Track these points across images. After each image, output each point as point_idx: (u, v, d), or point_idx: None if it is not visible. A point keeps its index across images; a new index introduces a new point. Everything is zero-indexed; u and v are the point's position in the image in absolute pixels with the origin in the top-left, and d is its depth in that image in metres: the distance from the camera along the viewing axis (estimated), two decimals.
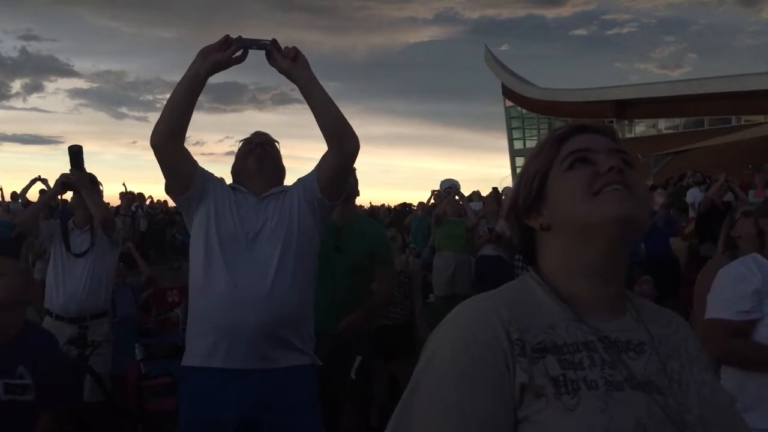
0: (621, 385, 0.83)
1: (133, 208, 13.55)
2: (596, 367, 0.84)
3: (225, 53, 2.08)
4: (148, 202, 15.00)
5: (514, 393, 0.82)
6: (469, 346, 0.84)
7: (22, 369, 2.20)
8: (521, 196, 0.99)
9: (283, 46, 2.14)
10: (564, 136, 0.98)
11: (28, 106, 67.79)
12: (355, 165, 3.30)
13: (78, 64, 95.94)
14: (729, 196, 8.06)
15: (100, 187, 4.06)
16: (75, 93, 75.69)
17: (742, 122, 25.07)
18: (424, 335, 4.58)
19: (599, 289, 0.91)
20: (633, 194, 0.89)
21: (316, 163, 2.33)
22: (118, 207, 12.05)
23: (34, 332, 2.43)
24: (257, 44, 2.11)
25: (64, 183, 3.87)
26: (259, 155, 2.36)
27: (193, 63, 2.11)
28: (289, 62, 2.13)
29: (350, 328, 3.13)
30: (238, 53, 2.10)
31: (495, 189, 9.12)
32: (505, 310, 0.87)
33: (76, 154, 3.81)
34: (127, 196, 13.05)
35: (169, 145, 2.17)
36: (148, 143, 2.16)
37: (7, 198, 11.38)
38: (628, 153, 0.96)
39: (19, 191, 11.15)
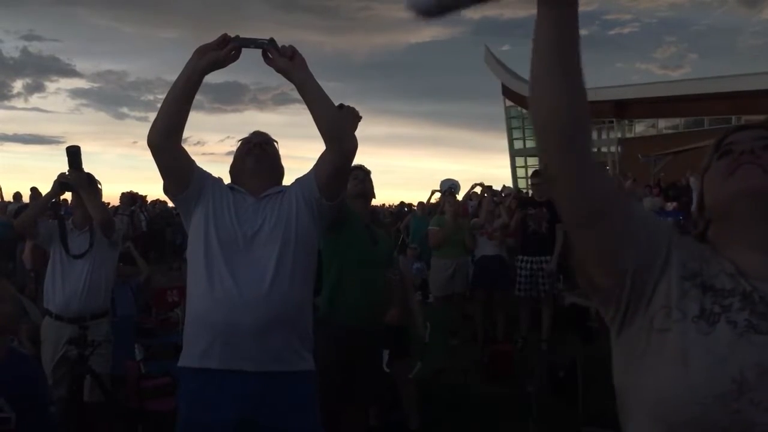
0: (765, 332, 0.92)
1: (132, 207, 13.55)
2: (744, 312, 0.94)
3: (222, 52, 2.09)
4: (149, 202, 14.99)
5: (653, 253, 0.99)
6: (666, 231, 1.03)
7: (2, 401, 1.98)
8: (697, 195, 1.12)
9: (280, 45, 2.14)
10: (723, 137, 1.08)
11: (29, 106, 67.87)
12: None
13: (79, 65, 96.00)
14: None
15: (99, 186, 4.05)
16: (76, 93, 75.83)
17: (742, 122, 25.01)
18: (421, 333, 4.55)
19: (762, 263, 0.98)
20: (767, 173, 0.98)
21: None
22: (117, 207, 12.04)
23: (16, 361, 2.23)
24: (255, 43, 2.12)
25: (62, 183, 3.87)
26: (257, 155, 2.36)
27: (190, 61, 2.11)
28: (287, 61, 2.13)
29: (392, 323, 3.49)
30: (234, 52, 2.11)
31: (489, 188, 9.05)
32: (682, 249, 1.01)
33: (74, 154, 3.80)
34: (126, 196, 13.06)
35: (166, 144, 2.16)
36: None
37: (9, 198, 11.34)
38: None
39: (21, 191, 11.15)
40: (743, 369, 0.89)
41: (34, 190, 10.02)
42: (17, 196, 11.42)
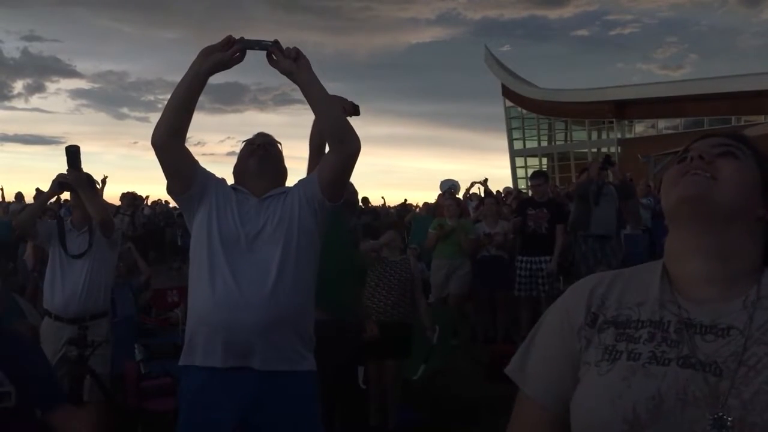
0: (668, 361, 0.90)
1: (133, 208, 13.52)
2: (651, 343, 0.93)
3: (226, 53, 2.09)
4: (149, 203, 14.97)
5: (576, 352, 0.99)
6: (559, 307, 1.06)
7: (1, 375, 1.95)
8: None
9: (284, 47, 2.14)
10: (688, 146, 1.05)
11: (29, 107, 67.73)
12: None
13: (80, 65, 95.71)
14: None
15: (98, 186, 4.05)
16: (77, 93, 75.83)
17: (742, 122, 25.06)
18: (429, 335, 4.54)
19: (703, 271, 0.96)
20: (715, 179, 0.96)
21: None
22: (117, 207, 12.03)
23: (6, 336, 2.22)
24: (260, 45, 2.12)
25: (61, 183, 3.86)
26: (260, 156, 2.35)
27: (195, 62, 2.12)
28: (291, 63, 2.13)
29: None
30: (238, 53, 2.11)
31: (493, 192, 9.08)
32: (602, 287, 1.03)
33: (73, 154, 3.80)
34: (127, 196, 13.04)
35: (170, 144, 2.17)
36: (149, 143, 2.17)
37: (11, 198, 11.32)
38: (739, 146, 1.01)
39: (22, 192, 11.15)
40: (636, 406, 0.87)
41: (38, 191, 10.03)
42: (19, 196, 11.42)
